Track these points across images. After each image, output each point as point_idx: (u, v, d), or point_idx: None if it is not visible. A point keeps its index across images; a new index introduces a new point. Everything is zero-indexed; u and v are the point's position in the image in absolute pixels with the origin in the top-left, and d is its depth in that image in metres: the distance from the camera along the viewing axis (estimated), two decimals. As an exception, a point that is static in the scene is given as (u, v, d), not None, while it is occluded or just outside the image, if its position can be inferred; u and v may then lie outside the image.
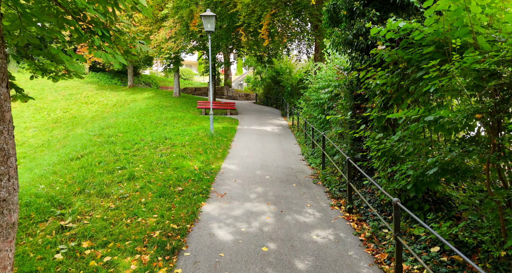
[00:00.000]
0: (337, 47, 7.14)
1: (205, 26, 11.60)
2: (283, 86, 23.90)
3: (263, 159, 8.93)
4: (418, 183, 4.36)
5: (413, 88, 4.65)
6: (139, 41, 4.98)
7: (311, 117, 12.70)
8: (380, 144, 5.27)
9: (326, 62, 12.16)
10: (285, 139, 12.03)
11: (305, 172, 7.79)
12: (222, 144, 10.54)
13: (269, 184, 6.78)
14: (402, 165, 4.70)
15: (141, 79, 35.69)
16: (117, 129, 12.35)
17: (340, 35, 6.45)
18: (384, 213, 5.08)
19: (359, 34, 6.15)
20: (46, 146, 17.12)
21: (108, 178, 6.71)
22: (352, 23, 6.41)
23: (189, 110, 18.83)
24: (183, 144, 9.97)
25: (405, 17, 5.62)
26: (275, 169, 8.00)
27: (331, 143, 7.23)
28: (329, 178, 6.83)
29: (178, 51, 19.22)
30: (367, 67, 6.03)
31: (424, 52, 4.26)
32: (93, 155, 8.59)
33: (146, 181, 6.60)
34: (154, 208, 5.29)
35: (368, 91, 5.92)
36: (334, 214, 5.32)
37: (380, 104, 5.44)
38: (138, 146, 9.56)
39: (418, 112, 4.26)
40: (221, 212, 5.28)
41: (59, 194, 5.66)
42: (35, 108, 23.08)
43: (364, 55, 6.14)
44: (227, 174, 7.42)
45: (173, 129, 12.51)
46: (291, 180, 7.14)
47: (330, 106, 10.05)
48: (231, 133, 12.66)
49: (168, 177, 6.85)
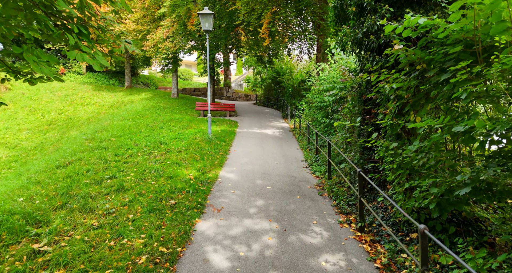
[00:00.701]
0: (343, 47, 6.58)
1: (202, 25, 11.04)
2: (283, 87, 23.34)
3: (264, 166, 8.36)
4: (442, 202, 3.80)
5: (435, 93, 4.08)
6: (125, 40, 4.41)
7: (314, 120, 12.14)
8: (395, 155, 4.72)
9: (330, 63, 11.61)
10: (286, 144, 11.47)
11: (309, 182, 7.22)
12: (220, 149, 9.97)
13: (270, 196, 6.22)
14: (422, 179, 4.15)
15: (139, 79, 35.14)
16: (110, 133, 11.78)
17: (348, 34, 5.90)
18: (400, 233, 4.52)
19: (370, 33, 5.60)
20: (39, 149, 16.56)
21: (95, 189, 6.15)
22: (362, 20, 5.85)
23: (187, 111, 18.27)
24: (179, 149, 9.41)
25: (422, 13, 5.06)
26: (276, 178, 7.43)
27: (337, 151, 6.67)
28: (336, 189, 6.27)
29: (176, 51, 18.66)
30: (379, 69, 5.48)
31: (450, 52, 3.69)
32: (82, 162, 8.03)
33: (136, 192, 6.04)
34: (142, 227, 4.72)
35: (380, 95, 5.36)
36: (344, 233, 4.75)
37: (395, 110, 4.88)
38: (131, 152, 9.00)
39: (443, 121, 3.70)
40: (217, 231, 4.72)
41: (37, 210, 5.09)
42: (30, 109, 22.51)
43: (375, 55, 5.59)
44: (225, 184, 6.86)
45: (169, 132, 11.94)
46: (295, 191, 6.58)
47: (335, 110, 9.49)
48: (230, 137, 12.09)
49: (160, 188, 6.28)
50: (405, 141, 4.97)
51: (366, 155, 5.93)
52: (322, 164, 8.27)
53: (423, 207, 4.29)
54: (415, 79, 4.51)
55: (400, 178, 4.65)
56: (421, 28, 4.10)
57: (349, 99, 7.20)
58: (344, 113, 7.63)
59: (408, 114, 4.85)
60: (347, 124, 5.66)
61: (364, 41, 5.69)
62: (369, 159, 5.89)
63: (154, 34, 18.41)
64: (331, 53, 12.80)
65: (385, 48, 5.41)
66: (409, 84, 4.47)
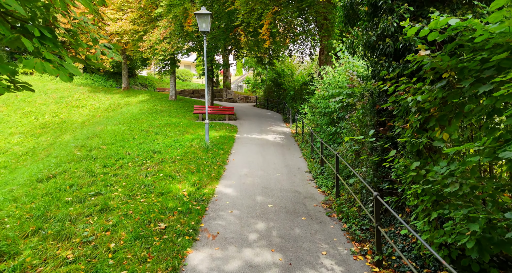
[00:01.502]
0: (353, 51, 5.93)
1: (199, 25, 10.39)
2: (284, 89, 22.69)
3: (265, 179, 7.71)
4: (483, 241, 3.15)
5: (470, 107, 3.43)
6: (104, 44, 3.76)
7: (318, 126, 11.49)
8: (417, 177, 4.07)
9: (334, 66, 10.96)
10: (288, 151, 10.81)
11: (315, 198, 6.56)
12: (218, 158, 9.32)
13: (272, 217, 5.56)
14: (454, 209, 3.50)
15: (137, 80, 34.48)
16: (102, 140, 11.12)
17: (360, 36, 5.24)
18: (426, 270, 3.86)
19: (386, 35, 4.95)
20: (30, 154, 15.90)
21: (76, 210, 5.49)
22: (376, 21, 5.19)
23: (185, 115, 17.62)
24: (174, 159, 8.76)
25: (449, 13, 4.41)
26: (279, 193, 6.78)
27: (347, 165, 6.01)
28: (346, 209, 5.61)
29: (173, 53, 18.00)
30: (396, 77, 4.83)
31: (492, 59, 3.04)
32: (66, 175, 7.37)
33: (122, 213, 5.38)
34: (124, 260, 4.06)
35: (397, 106, 4.71)
36: (359, 268, 4.10)
37: (416, 125, 4.23)
38: (121, 163, 8.34)
39: (484, 144, 3.05)
40: (212, 266, 4.06)
41: (4, 238, 4.43)
42: (23, 112, 21.85)
43: (391, 61, 4.93)
44: (222, 202, 6.20)
45: (164, 139, 11.29)
46: (299, 210, 5.92)
47: (341, 117, 8.84)
48: (228, 143, 11.44)
49: (150, 207, 5.63)
50: (428, 160, 4.32)
51: (380, 172, 5.28)
52: (328, 177, 7.61)
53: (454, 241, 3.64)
54: (442, 89, 3.86)
55: (424, 204, 4.00)
56: (451, 30, 3.45)
57: (358, 107, 6.55)
58: (353, 121, 6.98)
59: (433, 129, 4.20)
60: (359, 139, 5.00)
61: (379, 45, 5.04)
62: (384, 177, 5.23)
63: (151, 35, 17.75)
64: (335, 56, 12.15)
65: (403, 52, 4.76)
66: (437, 95, 3.81)
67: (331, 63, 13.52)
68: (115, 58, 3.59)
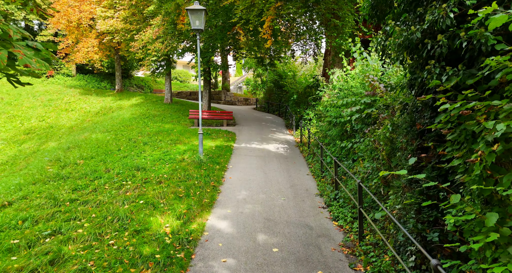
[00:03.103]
0: (383, 52, 4.60)
1: (192, 23, 9.06)
2: (286, 91, 21.34)
3: (267, 206, 6.37)
4: None
5: None
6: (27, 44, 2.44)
7: (326, 136, 10.15)
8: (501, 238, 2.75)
9: (346, 69, 9.63)
10: (293, 166, 9.47)
11: (331, 238, 5.22)
12: (212, 176, 7.98)
13: (278, 270, 4.22)
14: None
15: (133, 81, 33.15)
16: (81, 152, 9.79)
17: (398, 32, 3.91)
18: None
19: (436, 31, 3.62)
20: (10, 164, 14.57)
21: (17, 263, 4.15)
22: (420, 12, 3.87)
23: (180, 120, 16.27)
24: (160, 178, 7.42)
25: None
26: (285, 229, 5.44)
27: (370, 195, 4.67)
28: (377, 261, 4.27)
29: (168, 53, 16.66)
30: (455, 88, 3.50)
31: None
32: (24, 203, 6.03)
33: (79, 268, 4.04)
34: None
35: (454, 129, 3.38)
36: None
37: (492, 160, 2.90)
38: (96, 184, 7.01)
39: None
40: None
41: None
42: (8, 116, 20.52)
43: (445, 66, 3.61)
44: (214, 244, 4.86)
45: (153, 151, 9.95)
46: (313, 258, 4.58)
47: (357, 130, 7.50)
48: (225, 156, 10.10)
49: (118, 255, 4.29)
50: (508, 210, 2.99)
51: (425, 214, 3.94)
52: (345, 206, 6.26)
53: None
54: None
55: None
56: None
57: (385, 123, 5.21)
58: (377, 139, 5.65)
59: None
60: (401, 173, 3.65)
61: (424, 44, 3.71)
62: (432, 222, 3.89)
63: (143, 34, 16.41)
64: (346, 58, 10.83)
65: (464, 55, 3.44)
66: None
67: (340, 65, 12.19)
68: (33, 67, 2.24)
